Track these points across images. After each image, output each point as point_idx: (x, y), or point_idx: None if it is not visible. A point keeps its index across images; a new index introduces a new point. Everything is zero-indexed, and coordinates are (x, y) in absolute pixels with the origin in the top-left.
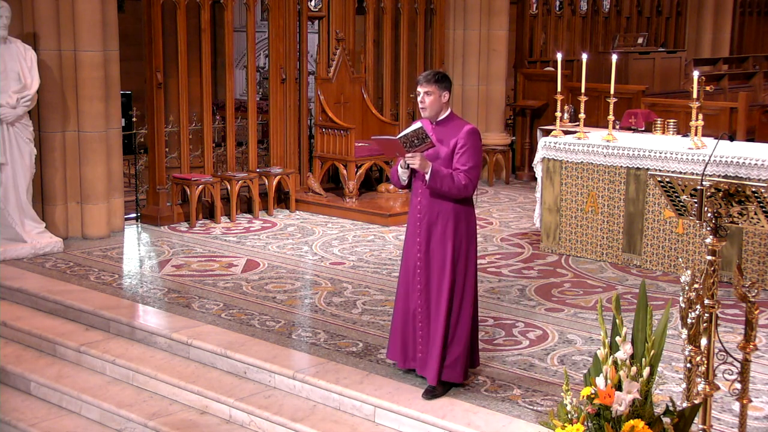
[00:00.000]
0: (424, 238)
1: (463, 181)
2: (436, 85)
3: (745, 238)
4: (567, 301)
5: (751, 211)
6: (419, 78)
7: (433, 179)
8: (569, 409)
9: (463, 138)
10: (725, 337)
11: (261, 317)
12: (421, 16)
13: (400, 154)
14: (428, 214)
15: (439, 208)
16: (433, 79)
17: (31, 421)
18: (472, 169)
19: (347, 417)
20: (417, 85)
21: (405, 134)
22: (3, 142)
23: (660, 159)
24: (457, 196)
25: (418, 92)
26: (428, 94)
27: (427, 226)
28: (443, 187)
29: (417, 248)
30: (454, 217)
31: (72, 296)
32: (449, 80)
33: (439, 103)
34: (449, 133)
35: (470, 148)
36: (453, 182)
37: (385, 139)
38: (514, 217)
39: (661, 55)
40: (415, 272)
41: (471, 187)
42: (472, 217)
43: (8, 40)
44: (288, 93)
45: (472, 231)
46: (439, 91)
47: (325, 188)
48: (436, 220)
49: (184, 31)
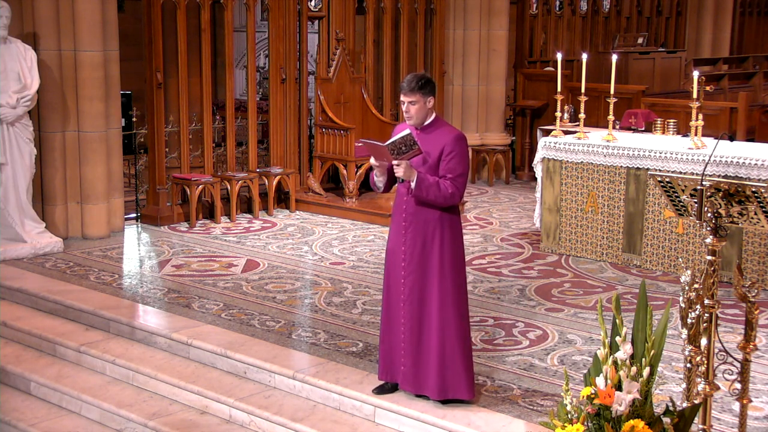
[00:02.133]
0: (409, 247)
1: (450, 190)
2: (420, 92)
3: (745, 238)
4: (567, 301)
5: (751, 211)
6: (402, 85)
7: (419, 188)
8: (569, 409)
9: (450, 144)
10: (725, 337)
11: (261, 317)
12: (421, 16)
13: (387, 161)
14: (414, 222)
15: (426, 217)
16: (417, 86)
17: (31, 421)
18: (460, 177)
19: (347, 417)
20: (400, 92)
21: (393, 141)
22: (3, 142)
23: (660, 159)
24: (443, 204)
25: (402, 101)
26: (412, 104)
27: (413, 235)
28: (429, 195)
29: (402, 257)
30: (440, 225)
31: (72, 296)
32: (433, 83)
33: (425, 110)
34: (435, 138)
35: (458, 155)
36: (439, 191)
37: (374, 144)
38: (514, 217)
39: (661, 55)
40: (398, 282)
41: (458, 196)
42: (458, 226)
43: (8, 40)
44: (288, 93)
45: (458, 240)
46: (424, 98)
47: (325, 188)
48: (422, 229)
49: (184, 31)
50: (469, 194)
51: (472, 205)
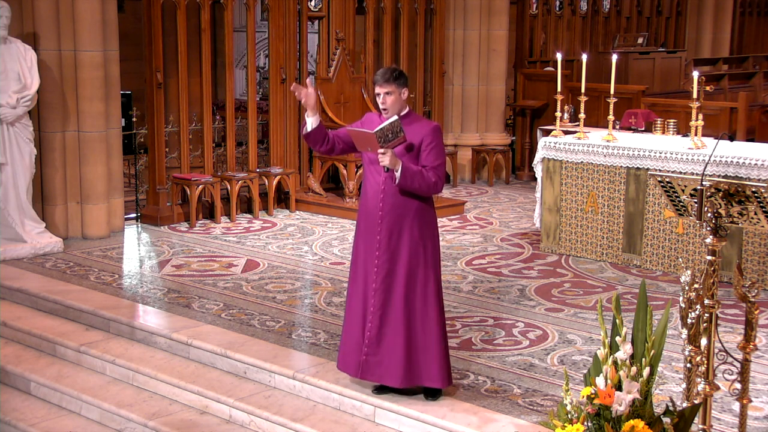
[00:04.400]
0: (385, 236)
1: (433, 179)
2: (395, 83)
3: (745, 238)
4: (567, 301)
5: (751, 211)
6: (376, 77)
7: (404, 177)
8: (569, 409)
9: (429, 135)
10: (725, 337)
11: (261, 317)
12: (421, 16)
13: (372, 149)
14: (391, 211)
15: (404, 206)
16: (392, 77)
17: (31, 421)
18: (440, 167)
19: (347, 417)
20: (374, 84)
21: (382, 128)
22: (3, 142)
23: (660, 159)
24: (426, 193)
25: (377, 93)
26: (389, 94)
27: (389, 224)
28: (414, 184)
29: (376, 246)
30: (418, 215)
31: (72, 296)
32: (406, 77)
33: (400, 101)
34: (414, 129)
35: (437, 146)
36: (423, 179)
37: (361, 131)
38: (514, 217)
39: (661, 55)
40: (371, 270)
41: (440, 185)
42: (433, 216)
43: (8, 40)
44: (288, 93)
45: (434, 230)
46: (399, 89)
47: (325, 188)
48: (399, 218)
49: (184, 31)
50: (469, 194)
51: (472, 205)
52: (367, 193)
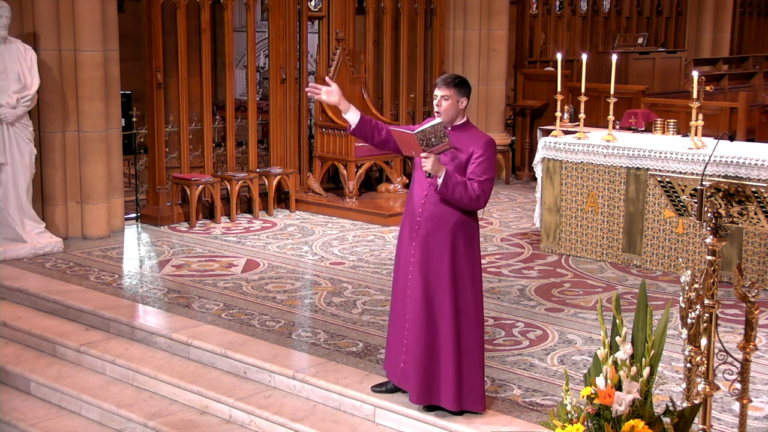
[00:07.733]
0: (420, 244)
1: (477, 192)
2: (455, 89)
3: (745, 238)
4: (567, 301)
5: (751, 211)
6: (437, 80)
7: (445, 185)
8: (569, 409)
9: (481, 148)
10: (725, 337)
11: (261, 317)
12: (421, 16)
13: (416, 153)
14: (430, 219)
15: (443, 216)
16: (453, 83)
17: (31, 421)
18: (488, 182)
19: (347, 417)
20: (435, 87)
21: (423, 130)
22: (3, 142)
23: (660, 159)
24: (467, 206)
25: (435, 95)
26: (445, 99)
27: (425, 234)
28: (455, 194)
29: (411, 253)
30: (458, 228)
31: (72, 296)
32: (469, 86)
33: (456, 108)
34: (465, 141)
35: (487, 160)
36: (466, 191)
37: (402, 132)
38: (514, 217)
39: (661, 55)
40: (406, 282)
41: (483, 200)
42: (475, 231)
43: (8, 40)
44: (288, 93)
45: (474, 247)
46: (458, 96)
47: (325, 188)
48: (437, 229)
49: (184, 31)
50: None
51: None
52: (413, 197)
